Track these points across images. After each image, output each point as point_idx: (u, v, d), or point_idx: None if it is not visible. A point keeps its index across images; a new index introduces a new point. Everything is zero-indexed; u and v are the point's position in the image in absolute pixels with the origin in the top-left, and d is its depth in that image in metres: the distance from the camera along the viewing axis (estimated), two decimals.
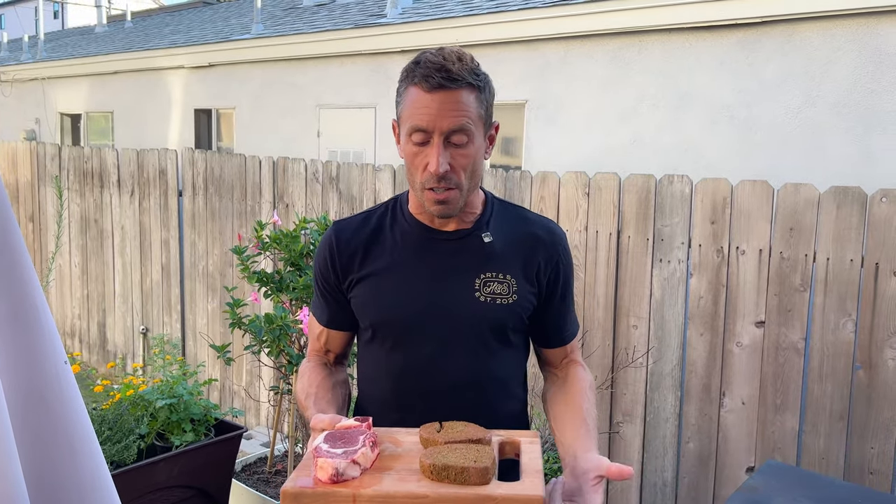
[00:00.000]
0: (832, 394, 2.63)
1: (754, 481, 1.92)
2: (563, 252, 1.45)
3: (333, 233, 1.45)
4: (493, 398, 1.39)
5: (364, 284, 1.40)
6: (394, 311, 1.38)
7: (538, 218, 1.48)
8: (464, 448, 1.08)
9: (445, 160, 1.27)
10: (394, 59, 5.85)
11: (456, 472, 1.03)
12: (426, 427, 1.17)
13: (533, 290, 1.40)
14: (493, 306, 1.36)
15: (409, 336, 1.38)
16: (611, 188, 3.03)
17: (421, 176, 1.30)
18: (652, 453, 3.03)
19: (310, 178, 4.05)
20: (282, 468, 3.11)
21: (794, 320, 2.68)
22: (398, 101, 1.33)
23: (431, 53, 1.28)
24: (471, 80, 1.27)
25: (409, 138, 1.29)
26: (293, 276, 2.84)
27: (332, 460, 1.03)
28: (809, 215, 2.62)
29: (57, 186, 5.57)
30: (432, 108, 1.25)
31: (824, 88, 3.94)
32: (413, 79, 1.28)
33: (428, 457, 1.05)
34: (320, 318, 1.49)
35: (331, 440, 1.09)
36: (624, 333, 3.05)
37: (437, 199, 1.30)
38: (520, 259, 1.39)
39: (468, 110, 1.27)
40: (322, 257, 1.45)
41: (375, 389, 1.44)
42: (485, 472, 1.03)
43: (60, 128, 9.95)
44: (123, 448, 2.41)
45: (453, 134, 1.26)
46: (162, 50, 8.05)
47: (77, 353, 5.80)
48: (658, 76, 4.53)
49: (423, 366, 1.37)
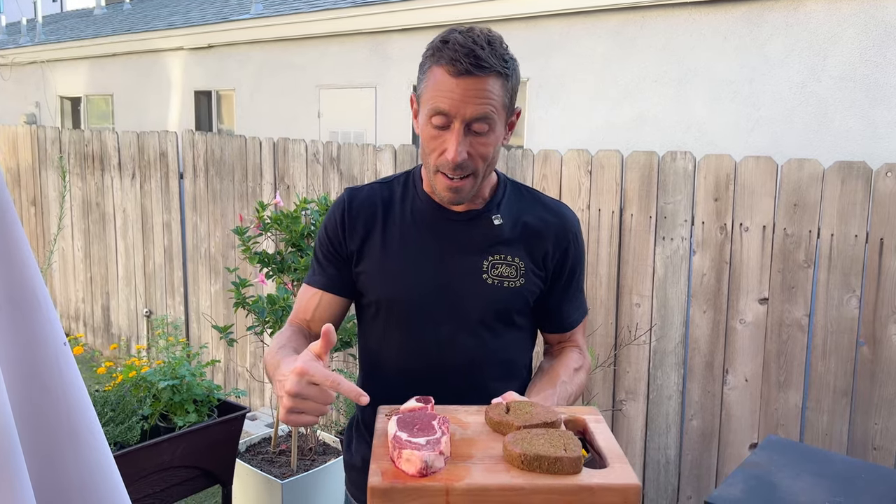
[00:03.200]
0: (836, 370, 2.63)
1: (756, 457, 1.92)
2: (574, 239, 1.42)
3: (347, 196, 1.43)
4: (496, 380, 1.38)
5: (372, 257, 1.38)
6: (401, 288, 1.37)
7: (552, 202, 1.45)
8: (546, 434, 1.04)
9: (464, 148, 1.24)
10: (394, 39, 5.80)
11: (549, 463, 0.99)
12: (493, 408, 1.14)
13: (540, 274, 1.39)
14: (500, 289, 1.35)
15: (414, 314, 1.37)
16: (613, 166, 3.01)
17: (436, 160, 1.27)
18: (655, 431, 3.04)
19: (310, 159, 4.04)
20: (286, 448, 3.13)
21: (797, 297, 2.68)
22: (420, 78, 1.28)
23: (460, 33, 1.23)
24: (499, 68, 1.23)
25: (429, 120, 1.25)
26: (294, 257, 2.84)
27: (419, 453, 0.98)
28: (814, 191, 2.61)
29: (61, 169, 5.57)
30: (456, 94, 1.21)
31: (829, 63, 3.90)
32: (439, 59, 1.23)
33: (516, 444, 1.02)
34: (316, 281, 1.44)
35: (405, 427, 1.04)
36: (627, 311, 3.04)
37: (451, 186, 1.28)
38: (529, 242, 1.38)
39: (493, 99, 1.23)
40: (332, 219, 1.42)
41: (380, 366, 1.44)
42: (577, 461, 1.00)
43: (61, 111, 9.91)
44: (127, 429, 2.43)
45: (475, 122, 1.23)
46: (160, 31, 8.00)
47: (80, 335, 5.82)
48: (661, 52, 4.48)
49: (428, 346, 1.36)
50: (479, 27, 1.27)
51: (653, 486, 3.06)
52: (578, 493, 0.98)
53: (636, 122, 4.60)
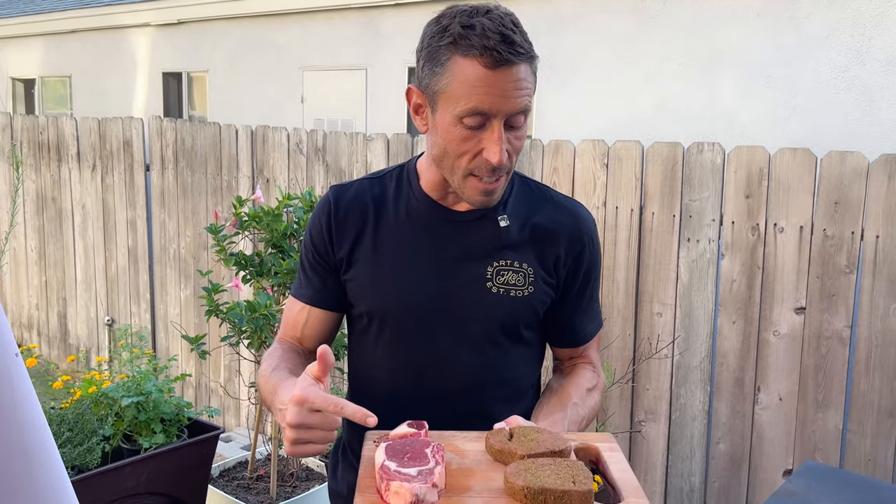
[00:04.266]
0: (881, 388, 2.64)
1: (792, 485, 1.93)
2: (590, 242, 1.41)
3: (332, 196, 1.41)
4: (499, 402, 1.37)
5: (362, 264, 1.38)
6: (394, 297, 1.36)
7: (565, 200, 1.44)
8: (553, 464, 1.04)
9: (506, 147, 1.23)
10: (386, 14, 5.81)
11: (556, 497, 0.98)
12: (494, 434, 1.14)
13: (551, 282, 1.38)
14: (506, 299, 1.34)
15: (409, 327, 1.36)
16: (632, 158, 3.01)
17: (470, 162, 1.25)
18: (678, 455, 3.04)
19: (293, 150, 4.04)
20: (264, 473, 3.13)
21: (838, 306, 2.68)
22: (434, 69, 1.23)
23: (484, 16, 1.20)
24: (531, 52, 1.22)
25: (461, 120, 1.21)
26: (275, 259, 2.84)
27: (409, 485, 0.97)
28: (857, 188, 2.61)
29: (14, 159, 5.57)
30: (496, 89, 1.18)
31: (875, 44, 3.91)
32: (468, 49, 1.18)
33: (518, 476, 1.01)
34: (303, 294, 1.45)
35: (394, 455, 1.04)
36: (647, 321, 3.05)
37: (487, 189, 1.26)
38: (539, 246, 1.37)
39: (530, 87, 1.22)
40: (317, 223, 1.41)
41: (369, 385, 1.43)
42: (588, 496, 0.98)
43: (12, 94, 9.91)
44: (86, 451, 2.42)
45: (514, 116, 1.22)
46: (125, 5, 8.00)
47: (34, 345, 5.82)
48: (686, 31, 4.49)
49: (424, 363, 1.36)
50: (493, 5, 1.24)
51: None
52: None
53: (658, 109, 4.61)
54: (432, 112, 1.26)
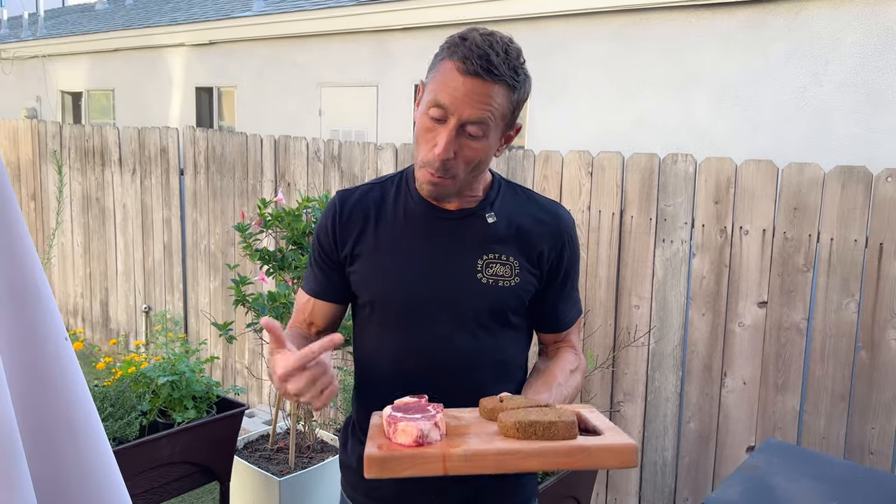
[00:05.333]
0: (834, 374, 2.64)
1: (754, 460, 1.93)
2: (569, 239, 1.42)
3: (338, 200, 1.42)
4: (492, 380, 1.38)
5: (365, 258, 1.38)
6: (394, 287, 1.36)
7: (546, 201, 1.45)
8: (539, 409, 1.05)
9: (452, 148, 1.24)
10: (395, 37, 5.80)
11: (544, 427, 0.99)
12: (486, 399, 1.15)
13: (535, 273, 1.38)
14: (494, 288, 1.34)
15: (409, 315, 1.36)
16: (614, 167, 3.01)
17: (426, 154, 1.27)
18: (652, 432, 3.04)
19: (311, 157, 4.04)
20: (284, 445, 3.13)
21: (796, 301, 2.68)
22: (431, 67, 1.29)
23: (480, 34, 1.24)
24: (508, 79, 1.23)
25: (428, 110, 1.25)
26: (295, 255, 2.84)
27: (415, 423, 0.99)
28: (814, 195, 2.61)
29: (56, 163, 5.56)
30: (459, 92, 1.21)
31: (831, 68, 3.90)
32: (453, 54, 1.23)
33: (510, 416, 1.02)
34: (310, 287, 1.47)
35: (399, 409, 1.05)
36: (626, 313, 3.05)
37: (431, 180, 1.29)
38: (523, 242, 1.38)
39: (493, 106, 1.23)
40: (324, 224, 1.43)
41: (373, 368, 1.43)
42: (572, 426, 1.00)
43: (62, 106, 9.90)
44: (125, 425, 2.43)
45: (470, 124, 1.23)
46: (162, 27, 7.99)
47: (80, 330, 5.82)
48: (663, 55, 4.49)
49: (423, 346, 1.36)
50: (501, 32, 1.26)
51: (650, 488, 3.07)
52: (574, 454, 0.98)
53: (638, 124, 4.61)
54: (421, 102, 1.30)
